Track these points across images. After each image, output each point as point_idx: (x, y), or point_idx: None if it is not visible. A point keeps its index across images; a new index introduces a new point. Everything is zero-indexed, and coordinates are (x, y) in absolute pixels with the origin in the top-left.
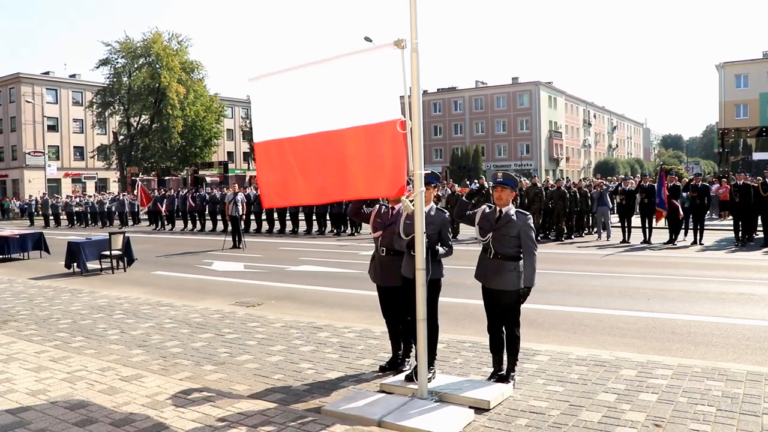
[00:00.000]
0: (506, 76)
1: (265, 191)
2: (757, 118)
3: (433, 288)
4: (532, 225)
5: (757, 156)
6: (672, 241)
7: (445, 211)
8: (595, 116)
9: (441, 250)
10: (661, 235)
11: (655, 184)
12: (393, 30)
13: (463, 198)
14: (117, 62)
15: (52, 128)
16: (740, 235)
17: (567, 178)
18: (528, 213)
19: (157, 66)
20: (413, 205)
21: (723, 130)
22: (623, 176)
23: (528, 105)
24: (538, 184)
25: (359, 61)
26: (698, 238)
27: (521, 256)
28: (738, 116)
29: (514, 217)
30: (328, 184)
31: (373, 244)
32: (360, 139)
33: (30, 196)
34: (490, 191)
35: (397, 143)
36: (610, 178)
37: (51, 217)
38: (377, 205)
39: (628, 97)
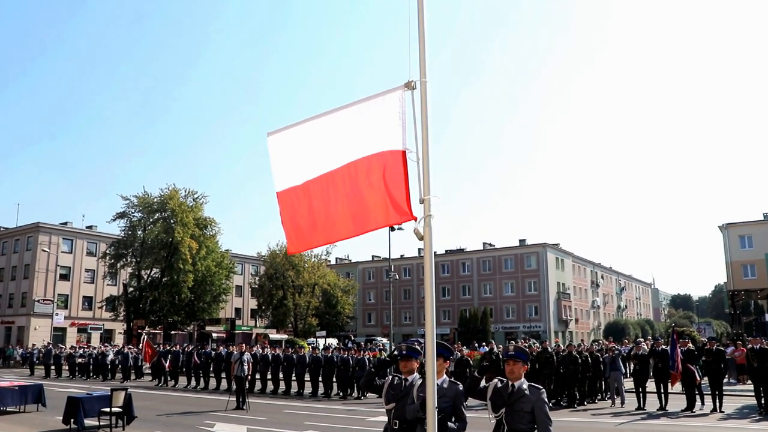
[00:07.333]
0: (513, 237)
1: (290, 237)
2: (765, 279)
3: None
4: (546, 400)
5: None
6: (690, 407)
7: (458, 383)
8: (602, 277)
9: (453, 426)
10: (678, 401)
11: (668, 348)
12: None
13: (475, 374)
14: (133, 216)
15: (64, 277)
16: (763, 401)
17: (581, 341)
18: (541, 387)
19: (171, 221)
20: (423, 230)
21: (733, 292)
22: (635, 339)
23: (536, 266)
24: (549, 349)
25: (372, 104)
26: (718, 404)
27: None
28: (746, 276)
29: (528, 392)
30: (341, 221)
31: (383, 410)
32: (366, 169)
33: (33, 344)
34: (501, 359)
35: (402, 171)
36: (625, 340)
37: (52, 367)
38: (390, 377)
39: (634, 258)
